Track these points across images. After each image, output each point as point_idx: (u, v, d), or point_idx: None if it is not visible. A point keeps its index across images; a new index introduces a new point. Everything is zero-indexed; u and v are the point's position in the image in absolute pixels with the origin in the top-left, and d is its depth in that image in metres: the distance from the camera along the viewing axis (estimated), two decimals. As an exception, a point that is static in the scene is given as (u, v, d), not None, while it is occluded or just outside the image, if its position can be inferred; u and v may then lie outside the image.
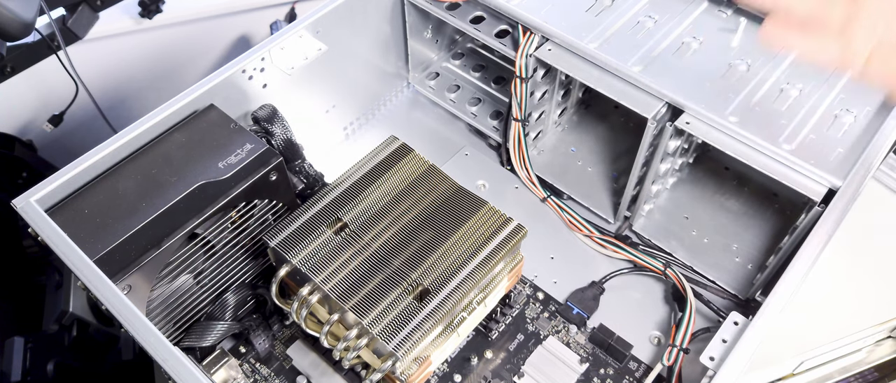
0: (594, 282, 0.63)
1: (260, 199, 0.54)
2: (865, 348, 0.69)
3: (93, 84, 0.94)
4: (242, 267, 0.57)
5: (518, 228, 0.54)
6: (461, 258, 0.52)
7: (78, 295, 0.75)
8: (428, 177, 0.57)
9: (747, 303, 0.60)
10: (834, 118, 0.54)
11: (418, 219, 0.54)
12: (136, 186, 0.50)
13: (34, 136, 1.00)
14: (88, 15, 0.90)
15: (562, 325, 0.60)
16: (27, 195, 0.48)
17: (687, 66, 0.58)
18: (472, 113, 0.74)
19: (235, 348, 0.58)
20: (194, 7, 1.12)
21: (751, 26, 0.61)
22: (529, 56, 0.61)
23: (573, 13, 0.62)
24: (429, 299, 0.49)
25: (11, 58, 0.84)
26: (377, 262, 0.51)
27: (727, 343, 0.46)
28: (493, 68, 0.77)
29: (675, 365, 0.54)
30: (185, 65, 1.19)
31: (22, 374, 0.73)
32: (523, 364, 0.58)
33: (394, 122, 0.78)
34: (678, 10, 0.63)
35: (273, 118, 0.58)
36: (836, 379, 0.68)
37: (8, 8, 0.70)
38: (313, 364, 0.57)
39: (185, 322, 0.55)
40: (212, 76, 0.56)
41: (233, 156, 0.52)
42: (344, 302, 0.49)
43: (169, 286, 0.52)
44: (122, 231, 0.47)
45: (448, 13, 0.66)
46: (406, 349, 0.47)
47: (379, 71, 0.75)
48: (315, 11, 0.62)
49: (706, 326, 0.59)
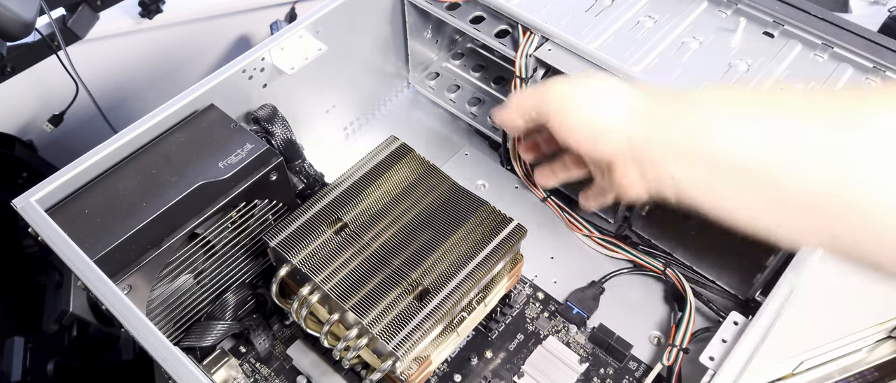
0: (594, 282, 0.63)
1: (260, 199, 0.54)
2: (865, 348, 0.69)
3: (93, 84, 0.94)
4: (242, 267, 0.57)
5: (518, 228, 0.54)
6: (461, 258, 0.52)
7: (78, 295, 0.75)
8: (428, 177, 0.57)
9: (747, 303, 0.60)
10: (834, 118, 0.54)
11: (418, 219, 0.54)
12: (137, 186, 0.50)
13: (34, 136, 1.00)
14: (88, 15, 0.90)
15: (562, 325, 0.60)
16: (27, 195, 0.48)
17: (687, 66, 0.58)
18: (472, 113, 0.74)
19: (235, 348, 0.58)
20: (194, 7, 1.12)
21: (751, 26, 0.61)
22: (529, 56, 0.61)
23: (573, 13, 0.62)
24: (429, 299, 0.49)
25: (11, 58, 0.84)
26: (377, 262, 0.51)
27: (727, 343, 0.46)
28: (493, 68, 0.77)
29: (674, 365, 0.54)
30: (185, 65, 1.19)
31: (22, 374, 0.73)
32: (523, 364, 0.58)
33: (394, 122, 0.78)
34: (678, 10, 0.63)
35: (273, 118, 0.58)
36: (835, 379, 0.68)
37: (8, 8, 0.70)
38: (313, 364, 0.57)
39: (185, 322, 0.55)
40: (212, 76, 0.56)
41: (233, 156, 0.52)
42: (344, 302, 0.49)
43: (169, 286, 0.52)
44: (122, 231, 0.47)
45: (448, 13, 0.66)
46: (406, 349, 0.47)
47: (379, 71, 0.75)
48: (315, 11, 0.62)
49: (706, 326, 0.59)
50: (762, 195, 0.40)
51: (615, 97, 0.45)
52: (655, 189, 0.44)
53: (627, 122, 0.44)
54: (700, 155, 0.41)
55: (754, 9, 0.62)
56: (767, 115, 0.40)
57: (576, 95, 0.46)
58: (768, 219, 0.41)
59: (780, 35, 0.60)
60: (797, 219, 0.40)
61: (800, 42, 0.60)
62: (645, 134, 0.43)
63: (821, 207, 0.38)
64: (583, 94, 0.46)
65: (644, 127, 0.43)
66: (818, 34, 0.59)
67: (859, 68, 0.57)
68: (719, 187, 0.41)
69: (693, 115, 0.42)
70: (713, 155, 0.41)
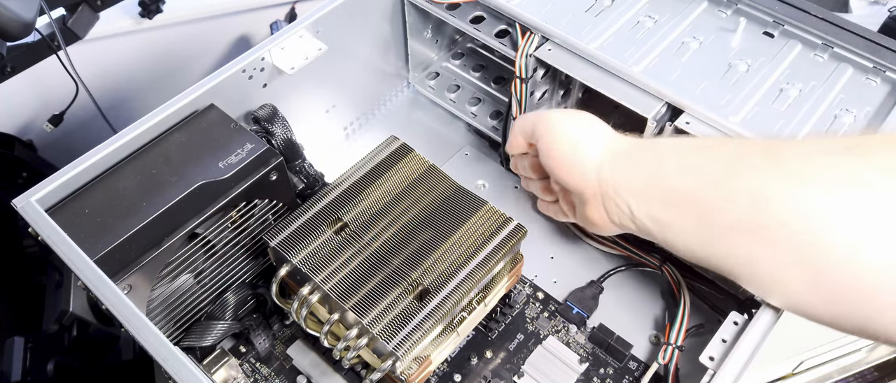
0: (593, 282, 0.63)
1: (260, 199, 0.54)
2: (865, 348, 0.69)
3: (93, 84, 0.94)
4: (243, 266, 0.57)
5: (518, 228, 0.54)
6: (461, 258, 0.52)
7: (78, 295, 0.75)
8: (428, 176, 0.57)
9: (747, 302, 0.60)
10: (834, 118, 0.54)
11: (418, 218, 0.54)
12: (137, 186, 0.50)
13: (34, 136, 1.00)
14: (88, 15, 0.90)
15: (562, 325, 0.60)
16: (27, 195, 0.48)
17: (687, 66, 0.58)
18: (472, 113, 0.74)
19: (236, 348, 0.58)
20: (194, 7, 1.12)
21: (751, 26, 0.61)
22: (529, 56, 0.61)
23: (573, 13, 0.62)
24: (429, 299, 0.49)
25: (11, 58, 0.84)
26: (377, 262, 0.51)
27: (727, 343, 0.47)
28: (493, 68, 0.77)
29: (670, 364, 0.54)
30: (185, 65, 1.19)
31: (22, 374, 0.73)
32: (523, 363, 0.58)
33: (394, 122, 0.78)
34: (678, 10, 0.63)
35: (273, 118, 0.58)
36: (835, 378, 0.68)
37: (8, 8, 0.70)
38: (313, 363, 0.57)
39: (185, 322, 0.55)
40: (212, 76, 0.56)
41: (233, 155, 0.52)
42: (344, 302, 0.49)
43: (169, 286, 0.52)
44: (122, 231, 0.47)
45: (448, 13, 0.66)
46: (406, 349, 0.47)
47: (379, 71, 0.75)
48: (315, 11, 0.62)
49: (700, 323, 0.59)
50: (697, 224, 0.45)
51: (596, 137, 0.51)
52: (618, 223, 0.50)
53: (599, 161, 0.50)
54: (653, 193, 0.47)
55: (754, 9, 0.62)
56: (702, 153, 0.46)
57: (564, 128, 0.52)
58: (707, 248, 0.45)
59: (780, 35, 0.60)
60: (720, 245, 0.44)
61: (800, 42, 0.60)
62: (610, 174, 0.49)
63: (735, 230, 0.42)
64: (570, 128, 0.52)
65: (611, 168, 0.49)
66: (818, 34, 0.59)
67: (859, 68, 0.57)
68: (670, 222, 0.46)
69: (649, 157, 0.48)
70: (662, 192, 0.46)
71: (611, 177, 0.49)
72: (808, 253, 0.39)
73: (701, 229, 0.45)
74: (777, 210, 0.40)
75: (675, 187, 0.45)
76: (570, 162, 0.51)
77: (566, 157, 0.51)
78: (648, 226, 0.48)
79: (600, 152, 0.50)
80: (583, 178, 0.50)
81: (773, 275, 0.42)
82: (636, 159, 0.49)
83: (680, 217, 0.45)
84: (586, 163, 0.50)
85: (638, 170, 0.48)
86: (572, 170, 0.51)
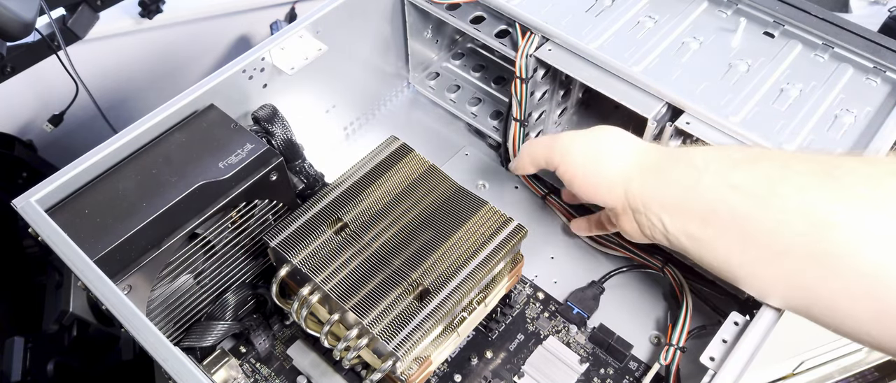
0: (594, 282, 0.63)
1: (260, 199, 0.54)
2: (865, 348, 0.69)
3: (93, 84, 0.94)
4: (243, 267, 0.57)
5: (518, 228, 0.54)
6: (461, 258, 0.52)
7: (78, 295, 0.75)
8: (428, 177, 0.57)
9: (747, 302, 0.60)
10: (834, 118, 0.54)
11: (418, 219, 0.54)
12: (137, 186, 0.50)
13: (34, 136, 1.00)
14: (88, 15, 0.90)
15: (562, 325, 0.60)
16: (27, 195, 0.48)
17: (687, 66, 0.58)
18: (472, 113, 0.74)
19: (236, 348, 0.58)
20: (194, 7, 1.12)
21: (751, 26, 0.61)
22: (529, 56, 0.61)
23: (573, 13, 0.62)
24: (429, 299, 0.49)
25: (11, 58, 0.84)
26: (377, 262, 0.51)
27: (727, 343, 0.46)
28: (493, 68, 0.77)
29: (672, 365, 0.54)
30: (185, 65, 1.19)
31: (22, 374, 0.73)
32: (523, 364, 0.58)
33: (394, 122, 0.78)
34: (678, 10, 0.63)
35: (273, 118, 0.58)
36: (836, 379, 0.68)
37: (8, 8, 0.70)
38: (313, 364, 0.57)
39: (185, 322, 0.55)
40: (212, 76, 0.56)
41: (233, 156, 0.52)
42: (344, 302, 0.49)
43: (169, 286, 0.52)
44: (122, 231, 0.47)
45: (448, 13, 0.66)
46: (406, 349, 0.47)
47: (379, 71, 0.75)
48: (315, 11, 0.62)
49: (702, 324, 0.59)
50: (742, 245, 0.43)
51: (617, 150, 0.50)
52: (650, 236, 0.49)
53: (626, 175, 0.48)
54: (689, 210, 0.45)
55: (754, 9, 0.62)
56: (740, 168, 0.43)
57: (580, 148, 0.52)
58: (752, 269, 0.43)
59: (780, 35, 0.60)
60: (768, 267, 0.42)
61: (800, 42, 0.60)
62: (639, 188, 0.47)
63: (789, 255, 0.40)
64: (586, 147, 0.51)
65: (640, 182, 0.48)
66: (818, 34, 0.59)
67: (859, 68, 0.57)
68: (709, 240, 0.44)
69: (683, 170, 0.46)
70: (700, 208, 0.44)
71: (640, 191, 0.47)
72: (879, 285, 0.37)
73: (746, 250, 0.42)
74: (845, 238, 0.38)
75: (714, 204, 0.43)
76: (592, 180, 0.50)
77: (587, 177, 0.50)
78: (683, 242, 0.46)
79: (626, 165, 0.48)
80: (610, 194, 0.49)
81: (834, 301, 0.40)
82: (667, 172, 0.46)
83: (721, 236, 0.43)
84: (612, 178, 0.49)
85: (670, 185, 0.46)
86: (597, 187, 0.50)
